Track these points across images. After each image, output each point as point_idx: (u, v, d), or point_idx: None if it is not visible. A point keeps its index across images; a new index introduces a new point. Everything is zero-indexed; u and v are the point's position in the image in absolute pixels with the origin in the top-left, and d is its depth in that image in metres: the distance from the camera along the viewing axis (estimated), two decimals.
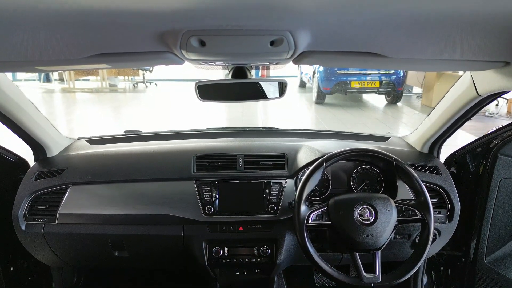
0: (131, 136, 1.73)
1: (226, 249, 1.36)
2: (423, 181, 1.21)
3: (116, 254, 1.40)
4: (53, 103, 9.05)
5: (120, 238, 1.35)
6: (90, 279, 1.98)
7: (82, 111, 8.13)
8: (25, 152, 1.51)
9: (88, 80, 11.19)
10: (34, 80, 11.01)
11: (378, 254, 1.16)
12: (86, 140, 1.67)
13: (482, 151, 1.45)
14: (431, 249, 1.44)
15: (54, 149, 1.48)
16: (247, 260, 1.37)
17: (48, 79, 10.97)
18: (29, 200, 1.33)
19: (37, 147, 1.43)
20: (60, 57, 0.74)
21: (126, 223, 1.33)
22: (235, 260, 1.37)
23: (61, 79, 10.86)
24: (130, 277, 2.24)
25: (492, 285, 1.41)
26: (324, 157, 1.22)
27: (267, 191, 1.36)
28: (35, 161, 1.46)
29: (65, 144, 1.58)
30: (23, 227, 1.31)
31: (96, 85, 10.42)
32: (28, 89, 9.39)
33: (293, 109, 8.51)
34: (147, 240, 1.35)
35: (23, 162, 1.50)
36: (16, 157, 1.48)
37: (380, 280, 1.13)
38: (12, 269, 1.47)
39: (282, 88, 1.27)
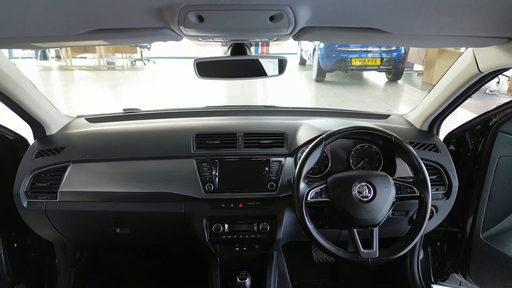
0: (130, 114, 1.72)
1: (226, 225, 1.37)
2: (422, 159, 1.22)
3: (118, 231, 1.42)
4: (51, 81, 8.97)
5: (122, 215, 1.37)
6: (93, 255, 2.02)
7: (80, 89, 8.07)
8: (24, 131, 1.51)
9: (86, 57, 11.05)
10: (31, 57, 10.87)
11: (375, 230, 1.18)
12: (85, 118, 1.67)
13: (481, 129, 1.45)
14: (428, 226, 1.47)
15: (53, 127, 1.48)
16: (246, 237, 1.39)
17: (45, 57, 10.83)
18: (30, 178, 1.34)
19: (36, 125, 1.42)
20: (56, 33, 0.73)
21: (127, 201, 1.34)
22: (235, 237, 1.39)
23: (58, 57, 10.72)
24: (132, 253, 2.29)
25: (487, 260, 1.44)
26: (324, 135, 1.22)
27: (266, 169, 1.37)
28: (34, 139, 1.46)
29: (64, 122, 1.58)
30: (24, 205, 1.33)
31: (94, 63, 10.29)
32: (25, 67, 9.28)
33: (292, 87, 8.45)
34: (148, 217, 1.37)
35: (22, 141, 1.50)
36: (15, 135, 1.48)
37: (378, 255, 1.16)
38: (15, 245, 1.49)
39: (281, 65, 1.26)
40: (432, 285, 1.86)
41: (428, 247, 1.82)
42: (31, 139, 1.48)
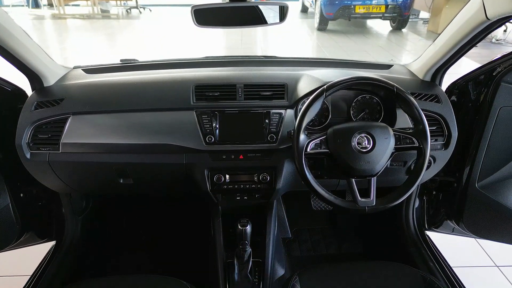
0: (128, 65, 1.69)
1: (227, 176, 1.40)
2: (423, 110, 1.21)
3: (121, 181, 1.45)
4: (44, 30, 8.70)
5: (124, 166, 1.39)
6: (98, 204, 2.08)
7: (75, 40, 7.85)
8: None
9: (79, 5, 10.62)
10: (22, 5, 10.45)
11: (373, 180, 1.20)
12: (82, 69, 1.64)
13: (485, 79, 1.43)
14: (425, 175, 1.49)
15: (50, 78, 1.46)
16: (247, 186, 1.43)
17: (37, 5, 10.41)
18: (31, 130, 1.34)
19: (33, 76, 1.40)
20: None
21: (128, 152, 1.36)
22: (235, 187, 1.42)
23: (50, 4, 10.30)
24: (137, 202, 2.36)
25: (480, 208, 1.49)
26: (325, 86, 1.21)
27: (266, 121, 1.37)
28: (32, 91, 1.44)
29: (61, 73, 1.56)
30: (28, 156, 1.34)
31: (87, 11, 9.92)
32: (16, 16, 8.95)
33: (293, 36, 8.21)
34: (150, 168, 1.39)
35: (20, 92, 1.49)
36: (13, 86, 1.46)
37: (375, 204, 1.19)
38: (22, 195, 1.53)
39: (283, 12, 1.21)
40: (426, 231, 1.94)
41: (424, 196, 1.87)
42: (29, 91, 1.47)
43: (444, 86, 1.54)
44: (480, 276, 2.24)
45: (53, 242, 1.87)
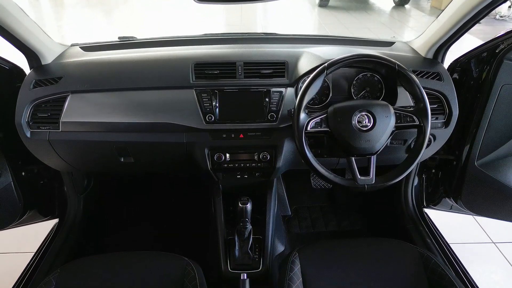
0: (126, 43, 1.67)
1: (227, 155, 1.40)
2: (424, 88, 1.20)
3: (122, 160, 1.46)
4: (40, 7, 8.53)
5: (124, 145, 1.39)
6: (100, 183, 2.10)
7: (72, 17, 7.71)
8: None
9: None
10: None
11: (373, 158, 1.20)
12: (80, 47, 1.62)
13: (487, 56, 1.41)
14: (425, 153, 1.50)
15: (48, 56, 1.44)
16: (247, 165, 1.43)
17: None
18: (30, 108, 1.34)
19: (31, 54, 1.39)
20: None
21: (129, 131, 1.35)
22: (236, 165, 1.43)
23: None
24: (138, 181, 2.38)
25: (479, 185, 1.50)
26: (326, 64, 1.19)
27: (267, 99, 1.36)
28: (30, 69, 1.43)
29: (59, 51, 1.54)
30: (28, 135, 1.34)
31: None
32: None
33: (294, 12, 8.05)
34: (151, 147, 1.39)
35: (19, 70, 1.48)
36: (11, 65, 1.45)
37: (374, 182, 1.20)
38: (23, 174, 1.54)
39: None
40: (424, 209, 1.96)
41: (423, 174, 1.88)
42: (27, 69, 1.46)
43: (447, 63, 1.52)
44: (477, 252, 2.28)
45: (56, 220, 1.90)
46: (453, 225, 2.44)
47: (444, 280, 1.13)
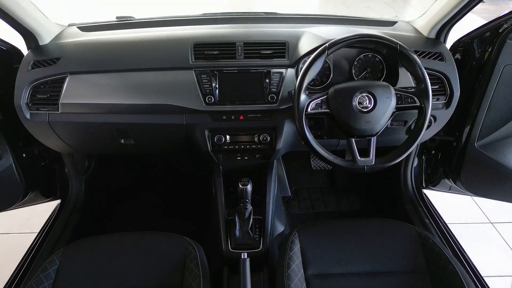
0: (124, 23, 1.64)
1: (227, 136, 1.41)
2: (426, 68, 1.19)
3: (122, 141, 1.46)
4: None
5: (124, 127, 1.39)
6: (101, 164, 2.10)
7: None
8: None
9: None
10: None
11: (373, 139, 1.20)
12: (77, 27, 1.60)
13: (490, 36, 1.39)
14: (425, 135, 1.50)
15: (45, 37, 1.43)
16: (247, 147, 1.43)
17: None
18: (29, 90, 1.33)
19: (28, 35, 1.37)
20: None
21: (128, 112, 1.35)
22: (236, 147, 1.43)
23: None
24: (139, 161, 2.39)
25: (479, 166, 1.51)
26: (327, 44, 1.18)
27: (267, 80, 1.35)
28: (28, 50, 1.41)
29: (56, 31, 1.52)
30: (27, 116, 1.34)
31: None
32: None
33: None
34: (151, 128, 1.39)
35: (16, 51, 1.46)
36: (8, 45, 1.43)
37: (374, 163, 1.20)
38: (24, 155, 1.55)
39: None
40: (423, 190, 1.98)
41: (422, 155, 1.89)
42: (25, 50, 1.44)
43: (449, 43, 1.51)
44: (474, 232, 2.31)
45: (59, 201, 1.91)
46: (451, 205, 2.47)
47: (441, 259, 1.15)
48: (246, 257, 1.22)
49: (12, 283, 1.46)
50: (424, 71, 1.17)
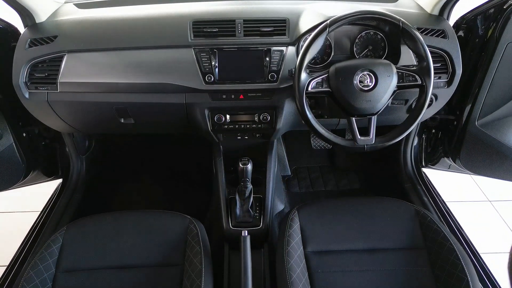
0: None
1: (227, 116, 1.40)
2: (428, 46, 1.17)
3: (122, 121, 1.45)
4: None
5: (124, 106, 1.38)
6: (101, 144, 2.11)
7: None
8: None
9: None
10: None
11: (374, 118, 1.20)
12: (74, 4, 1.57)
13: (494, 13, 1.36)
14: (426, 113, 1.49)
15: (41, 14, 1.40)
16: (248, 126, 1.43)
17: None
18: (27, 69, 1.31)
19: (24, 12, 1.35)
20: None
21: (128, 92, 1.34)
22: (236, 126, 1.43)
23: None
24: (139, 141, 2.39)
25: (479, 145, 1.51)
26: (328, 21, 1.15)
27: (267, 59, 1.33)
28: (24, 28, 1.39)
29: (53, 8, 1.49)
30: (26, 95, 1.33)
31: None
32: None
33: None
34: (150, 107, 1.38)
35: (13, 29, 1.44)
36: (5, 23, 1.41)
37: (374, 142, 1.20)
38: (24, 135, 1.55)
39: None
40: (422, 168, 1.99)
41: (423, 134, 1.88)
42: (21, 29, 1.42)
43: (453, 20, 1.48)
44: (472, 210, 2.34)
45: (60, 180, 1.93)
46: (450, 184, 2.49)
47: (439, 236, 1.17)
48: (246, 234, 1.24)
49: (16, 261, 1.49)
50: (427, 49, 1.15)
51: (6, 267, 1.47)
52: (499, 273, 1.42)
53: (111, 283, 1.12)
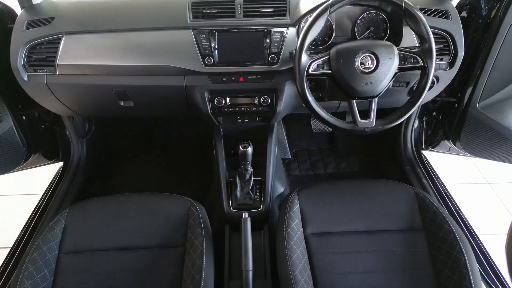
0: None
1: (228, 99, 1.39)
2: (431, 27, 1.15)
3: (122, 104, 1.45)
4: None
5: (123, 89, 1.37)
6: (101, 127, 2.11)
7: None
8: None
9: None
10: None
11: (374, 101, 1.19)
12: None
13: None
14: (427, 96, 1.48)
15: None
16: (248, 109, 1.43)
17: None
18: (25, 51, 1.30)
19: None
20: None
21: (127, 74, 1.33)
22: (236, 109, 1.42)
23: None
24: (139, 124, 2.39)
25: (479, 127, 1.50)
26: (329, 1, 1.14)
27: (267, 40, 1.32)
28: (21, 9, 1.37)
29: None
30: (25, 78, 1.32)
31: None
32: None
33: None
34: (150, 90, 1.38)
35: (9, 11, 1.42)
36: (1, 4, 1.39)
37: (374, 125, 1.20)
38: (24, 118, 1.55)
39: None
40: (422, 151, 1.99)
41: (423, 117, 1.88)
42: (18, 10, 1.40)
43: (456, 1, 1.46)
44: (471, 192, 2.36)
45: (62, 163, 1.94)
46: (450, 166, 2.50)
47: (438, 218, 1.18)
48: (247, 216, 1.25)
49: (20, 243, 1.51)
50: (429, 30, 1.14)
51: (10, 248, 1.49)
52: (497, 254, 1.44)
53: (113, 264, 1.14)
